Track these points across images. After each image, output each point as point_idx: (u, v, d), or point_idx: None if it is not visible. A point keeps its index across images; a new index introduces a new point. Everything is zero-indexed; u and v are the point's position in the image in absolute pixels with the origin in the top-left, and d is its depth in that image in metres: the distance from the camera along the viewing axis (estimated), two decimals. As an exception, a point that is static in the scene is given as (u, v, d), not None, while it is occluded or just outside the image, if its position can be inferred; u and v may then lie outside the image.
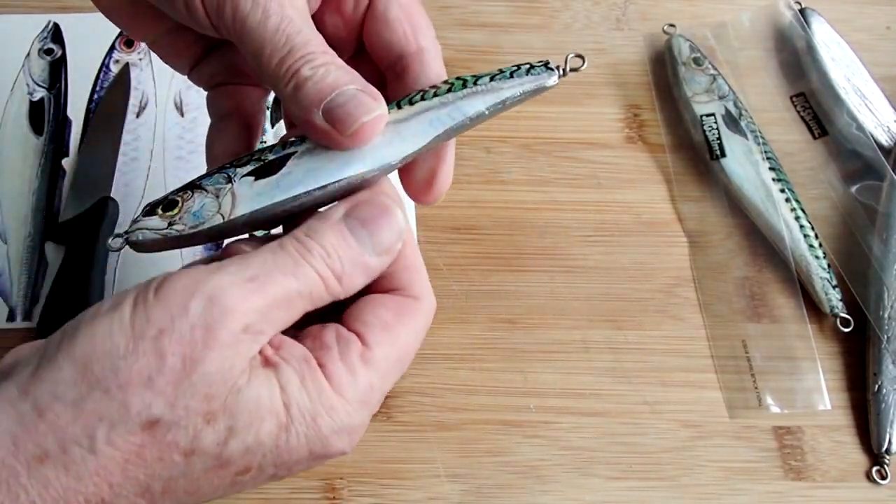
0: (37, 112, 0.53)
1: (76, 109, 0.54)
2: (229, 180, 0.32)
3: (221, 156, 0.37)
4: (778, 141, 0.54)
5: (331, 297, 0.30)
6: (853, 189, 0.53)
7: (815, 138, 0.55)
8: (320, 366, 0.30)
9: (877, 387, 0.46)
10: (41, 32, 0.56)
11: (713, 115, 0.54)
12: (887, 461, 0.46)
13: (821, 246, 0.50)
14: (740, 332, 0.49)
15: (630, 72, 0.57)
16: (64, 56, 0.55)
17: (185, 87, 0.55)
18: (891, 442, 0.45)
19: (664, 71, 0.57)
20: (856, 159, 0.53)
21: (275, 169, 0.32)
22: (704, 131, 0.53)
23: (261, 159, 0.32)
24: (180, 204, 0.32)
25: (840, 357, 0.49)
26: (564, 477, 0.45)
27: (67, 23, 0.56)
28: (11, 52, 0.55)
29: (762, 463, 0.46)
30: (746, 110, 0.54)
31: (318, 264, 0.30)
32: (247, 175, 0.32)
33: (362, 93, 0.31)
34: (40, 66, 0.55)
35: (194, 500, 0.29)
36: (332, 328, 0.31)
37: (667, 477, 0.45)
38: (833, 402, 0.47)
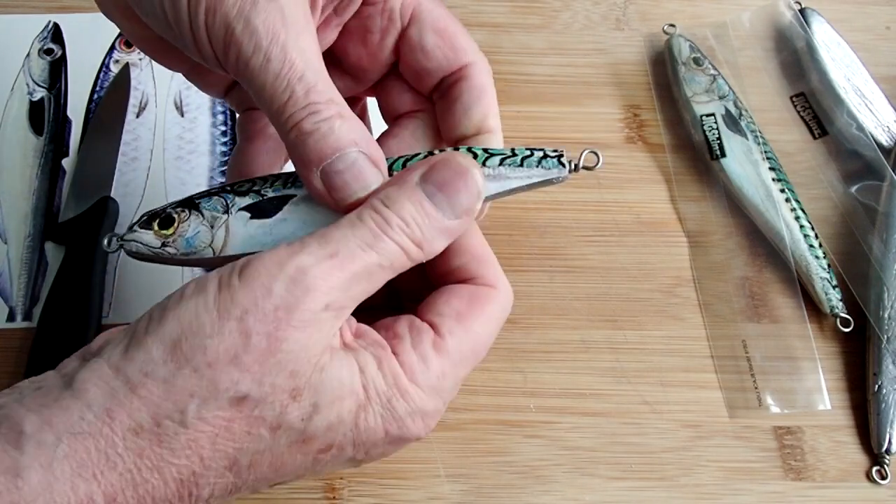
0: (37, 112, 0.54)
1: (76, 109, 0.54)
2: (226, 210, 0.32)
3: (239, 176, 0.37)
4: (778, 141, 0.54)
5: (412, 264, 0.31)
6: (853, 189, 0.53)
7: (815, 138, 0.55)
8: (394, 354, 0.31)
9: (877, 387, 0.46)
10: (41, 32, 0.56)
11: (713, 115, 0.54)
12: (887, 461, 0.46)
13: (821, 246, 0.50)
14: (740, 332, 0.49)
15: (630, 72, 0.57)
16: (64, 56, 0.55)
17: (185, 88, 0.55)
18: (891, 442, 0.45)
19: (664, 71, 0.57)
20: (856, 159, 0.53)
21: (271, 211, 0.32)
22: (704, 131, 0.53)
23: (260, 193, 0.32)
24: (176, 224, 0.32)
25: (840, 357, 0.49)
26: (564, 477, 0.45)
27: (67, 23, 0.56)
28: (11, 52, 0.55)
29: (762, 463, 0.46)
30: (746, 110, 0.54)
31: (397, 236, 0.30)
32: (244, 209, 0.32)
33: (363, 158, 0.31)
34: (40, 66, 0.55)
35: (278, 476, 0.30)
36: (405, 319, 0.32)
37: (667, 477, 0.45)
38: (833, 402, 0.47)
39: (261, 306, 0.28)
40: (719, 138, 0.53)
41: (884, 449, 0.45)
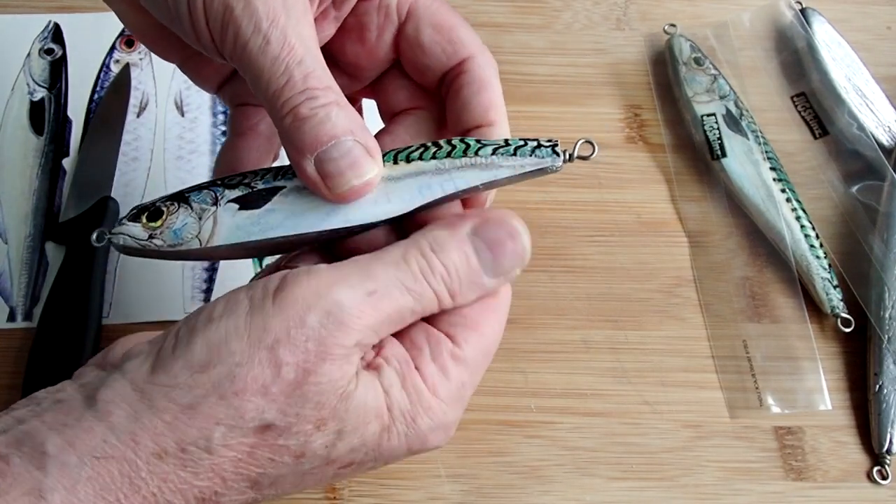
0: (37, 112, 0.54)
1: (76, 109, 0.54)
2: (215, 202, 0.32)
3: (228, 171, 0.37)
4: (779, 141, 0.54)
5: (439, 310, 0.31)
6: (854, 189, 0.53)
7: (815, 138, 0.55)
8: (416, 368, 0.30)
9: (878, 387, 0.46)
10: (41, 32, 0.56)
11: (714, 114, 0.54)
12: (888, 461, 0.46)
13: (821, 246, 0.50)
14: (741, 332, 0.49)
15: (630, 72, 0.57)
16: (64, 56, 0.55)
17: (185, 87, 0.55)
18: (892, 442, 0.45)
19: (665, 71, 0.57)
20: (856, 159, 0.53)
21: (260, 202, 0.32)
22: (705, 131, 0.53)
23: (250, 185, 0.32)
24: (164, 217, 0.32)
25: (841, 357, 0.49)
26: (565, 477, 0.45)
27: (67, 23, 0.56)
28: (11, 52, 0.55)
29: (763, 463, 0.46)
30: (747, 110, 0.54)
31: (437, 285, 0.30)
32: (232, 201, 0.32)
33: (359, 147, 0.31)
34: (41, 66, 0.55)
35: (297, 490, 0.31)
36: (421, 328, 0.32)
37: (667, 477, 0.45)
38: (834, 402, 0.47)
39: (293, 337, 0.28)
40: (720, 138, 0.53)
41: (885, 449, 0.45)
